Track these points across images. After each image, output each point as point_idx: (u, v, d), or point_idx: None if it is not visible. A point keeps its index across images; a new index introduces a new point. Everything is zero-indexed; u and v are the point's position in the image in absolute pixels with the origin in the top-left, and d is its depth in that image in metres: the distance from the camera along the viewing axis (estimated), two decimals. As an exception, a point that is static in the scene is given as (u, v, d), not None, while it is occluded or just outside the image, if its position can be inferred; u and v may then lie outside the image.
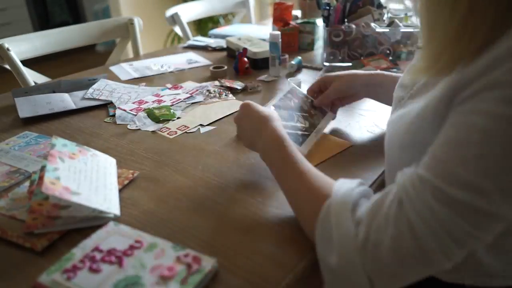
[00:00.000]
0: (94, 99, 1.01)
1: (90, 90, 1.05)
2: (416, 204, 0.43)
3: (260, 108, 0.69)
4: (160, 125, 0.89)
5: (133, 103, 1.00)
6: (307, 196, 0.55)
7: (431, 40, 0.49)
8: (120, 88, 1.08)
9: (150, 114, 0.93)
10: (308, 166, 0.58)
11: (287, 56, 1.27)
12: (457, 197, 0.41)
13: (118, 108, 0.97)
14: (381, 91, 0.83)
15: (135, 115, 0.94)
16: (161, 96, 1.03)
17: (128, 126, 0.89)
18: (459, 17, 0.44)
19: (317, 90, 0.86)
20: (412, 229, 0.43)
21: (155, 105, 0.98)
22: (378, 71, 0.86)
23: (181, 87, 1.09)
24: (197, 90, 1.06)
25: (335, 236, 0.48)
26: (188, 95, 1.03)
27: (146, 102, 1.00)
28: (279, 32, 1.14)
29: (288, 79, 1.06)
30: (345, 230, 0.47)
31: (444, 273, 0.58)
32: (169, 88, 1.08)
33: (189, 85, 1.10)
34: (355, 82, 0.84)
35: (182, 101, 1.01)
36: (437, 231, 0.42)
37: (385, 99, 0.85)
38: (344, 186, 0.52)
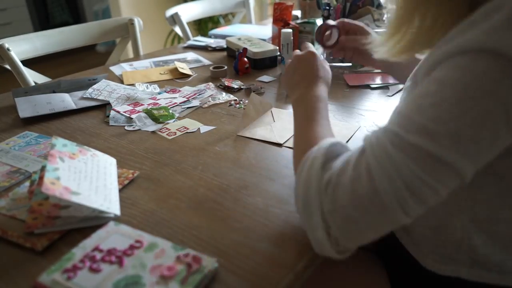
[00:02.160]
0: (92, 99, 1.01)
1: (90, 90, 1.05)
2: (376, 150, 0.46)
3: (323, 65, 0.73)
4: (160, 125, 0.89)
5: (128, 105, 1.00)
6: (300, 143, 0.59)
7: (393, 18, 0.56)
8: (120, 89, 1.08)
9: (149, 114, 0.93)
10: (321, 118, 0.62)
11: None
12: (410, 141, 0.44)
13: (112, 109, 0.97)
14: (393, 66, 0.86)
15: (130, 117, 0.93)
16: (158, 99, 1.03)
17: (126, 128, 0.89)
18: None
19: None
20: (369, 171, 0.45)
21: (152, 107, 0.98)
22: None
23: (179, 91, 1.08)
24: (194, 94, 1.05)
25: (303, 178, 0.51)
26: (185, 99, 1.02)
27: (142, 104, 1.00)
28: (290, 30, 1.14)
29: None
30: (313, 172, 0.50)
31: (439, 263, 0.58)
32: (167, 92, 1.08)
33: (187, 89, 1.10)
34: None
35: (177, 105, 1.00)
36: (391, 174, 0.44)
37: (396, 73, 0.92)
38: (330, 142, 0.54)
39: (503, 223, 0.53)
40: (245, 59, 1.20)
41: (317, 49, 0.83)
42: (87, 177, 0.62)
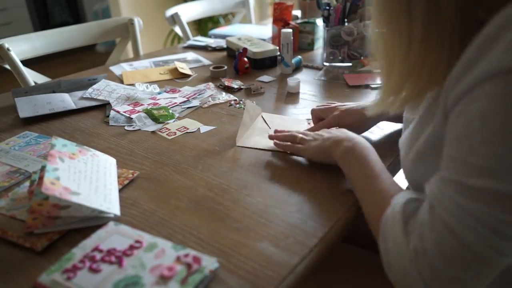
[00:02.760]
0: (92, 99, 1.01)
1: (90, 89, 1.05)
2: (444, 204, 0.44)
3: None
4: (160, 125, 0.89)
5: (128, 105, 1.00)
6: (371, 200, 0.57)
7: (391, 74, 0.53)
8: (120, 89, 1.08)
9: (149, 114, 0.93)
10: (380, 170, 0.60)
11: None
12: (476, 186, 0.42)
13: (112, 109, 0.97)
14: (393, 118, 0.82)
15: (130, 117, 0.93)
16: (158, 99, 1.03)
17: (126, 128, 0.89)
18: (417, 52, 0.48)
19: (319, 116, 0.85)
20: (448, 227, 0.43)
21: (152, 107, 0.98)
22: (361, 110, 0.80)
23: (179, 91, 1.08)
24: (194, 94, 1.05)
25: (391, 249, 0.49)
26: (185, 99, 1.02)
27: (142, 104, 1.00)
28: (290, 30, 1.14)
29: (288, 79, 1.06)
30: (399, 242, 0.48)
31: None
32: (167, 92, 1.08)
33: (187, 89, 1.10)
34: (368, 121, 0.80)
35: (177, 105, 1.00)
36: (471, 224, 0.42)
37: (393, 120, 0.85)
38: (401, 197, 0.52)
39: None
40: (245, 59, 1.20)
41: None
42: (87, 177, 0.62)
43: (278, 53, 1.26)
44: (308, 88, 1.09)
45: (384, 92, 0.55)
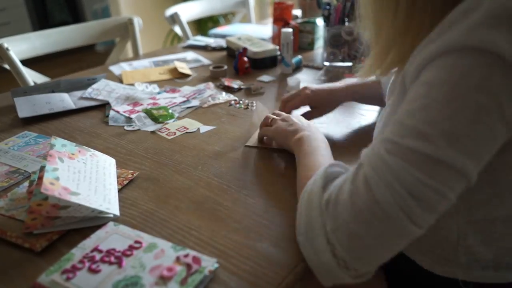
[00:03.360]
0: (92, 98, 1.01)
1: (89, 89, 1.05)
2: (372, 161, 0.45)
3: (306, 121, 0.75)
4: (160, 125, 0.89)
5: (128, 104, 0.99)
6: (302, 174, 0.60)
7: (378, 39, 0.55)
8: (120, 88, 1.08)
9: (149, 114, 0.93)
10: (321, 150, 0.64)
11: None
12: (406, 145, 0.43)
13: (112, 109, 0.97)
14: (367, 99, 0.89)
15: (129, 117, 0.93)
16: (157, 99, 1.02)
17: (125, 127, 0.89)
18: (403, 16, 0.50)
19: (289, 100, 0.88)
20: (367, 182, 0.44)
21: (151, 107, 0.97)
22: (353, 83, 0.86)
23: (179, 90, 1.08)
24: (194, 94, 1.05)
25: (304, 203, 0.51)
26: (184, 99, 1.02)
27: (141, 104, 1.00)
28: (290, 30, 1.14)
29: (288, 78, 1.06)
30: (314, 195, 0.50)
31: (436, 263, 0.58)
32: (166, 91, 1.08)
33: (187, 88, 1.09)
34: (333, 102, 0.87)
35: (177, 105, 0.99)
36: (390, 181, 0.43)
37: (372, 102, 0.91)
38: (328, 164, 0.54)
39: (499, 222, 0.53)
40: (245, 58, 1.19)
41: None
42: (86, 178, 0.62)
43: (278, 52, 1.26)
44: (308, 88, 1.09)
45: (371, 56, 0.57)
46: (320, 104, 0.86)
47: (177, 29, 1.73)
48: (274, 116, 0.78)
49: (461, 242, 0.55)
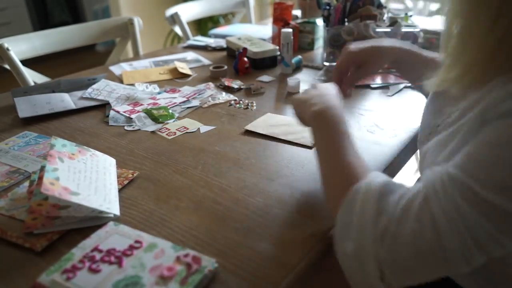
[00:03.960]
0: (92, 98, 1.01)
1: (89, 89, 1.05)
2: (443, 201, 0.42)
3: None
4: (160, 125, 0.89)
5: (128, 104, 0.99)
6: (340, 172, 0.53)
7: (464, 52, 0.48)
8: (120, 88, 1.08)
9: (149, 114, 0.93)
10: (351, 144, 0.56)
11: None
12: (488, 199, 0.40)
13: (112, 109, 0.97)
14: (405, 68, 0.80)
15: (129, 117, 0.93)
16: (157, 99, 1.02)
17: (125, 127, 0.89)
18: (498, 35, 0.43)
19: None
20: (435, 225, 0.42)
21: (151, 107, 0.98)
22: (403, 46, 0.78)
23: (179, 90, 1.08)
24: (194, 94, 1.05)
25: (355, 222, 0.47)
26: (185, 99, 1.02)
27: (141, 104, 1.00)
28: (290, 30, 1.14)
29: (288, 79, 1.06)
30: (367, 217, 0.46)
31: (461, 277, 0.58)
32: (167, 91, 1.08)
33: (187, 89, 1.09)
34: (381, 57, 0.77)
35: (177, 105, 0.99)
36: (460, 230, 0.41)
37: (408, 75, 0.83)
38: (379, 176, 0.50)
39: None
40: (245, 59, 1.20)
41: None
42: (87, 177, 0.62)
43: (278, 53, 1.26)
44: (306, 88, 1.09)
45: (454, 66, 0.50)
46: (364, 62, 0.76)
47: (177, 29, 1.73)
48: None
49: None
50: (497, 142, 0.41)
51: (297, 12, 1.63)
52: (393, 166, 0.74)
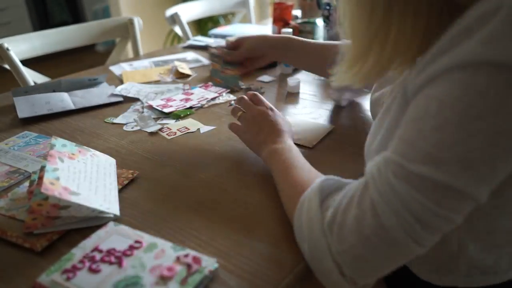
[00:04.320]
0: (122, 95, 1.04)
1: (118, 88, 1.07)
2: (379, 184, 0.43)
3: (283, 118, 0.73)
4: (160, 126, 0.89)
5: (161, 99, 1.01)
6: (289, 191, 0.57)
7: (353, 44, 0.52)
8: (146, 88, 1.10)
9: (173, 115, 0.94)
10: (300, 164, 0.61)
11: None
12: (415, 171, 0.41)
13: (146, 104, 0.99)
14: (290, 55, 0.94)
15: (162, 111, 0.95)
16: (190, 95, 1.04)
17: (124, 128, 0.89)
18: (378, 22, 0.46)
19: (231, 48, 0.98)
20: (373, 207, 0.43)
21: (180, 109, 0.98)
22: (288, 35, 0.96)
23: (211, 86, 1.09)
24: (225, 90, 1.06)
25: (304, 222, 0.49)
26: (216, 95, 1.03)
27: (174, 100, 1.01)
28: (290, 30, 1.14)
29: (288, 79, 1.06)
30: (313, 214, 0.48)
31: (434, 274, 0.58)
32: (200, 87, 1.09)
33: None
34: (264, 43, 0.94)
35: (208, 100, 1.01)
36: (397, 208, 0.41)
37: (295, 62, 0.98)
38: (327, 178, 0.53)
39: (501, 232, 0.53)
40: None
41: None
42: (87, 178, 0.62)
43: (278, 53, 1.25)
44: (308, 88, 1.09)
45: (346, 61, 0.53)
46: (253, 51, 0.95)
47: (177, 29, 1.73)
48: (242, 110, 0.75)
49: (461, 252, 0.54)
50: (417, 116, 0.42)
51: (297, 12, 1.63)
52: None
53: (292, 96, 1.04)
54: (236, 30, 1.66)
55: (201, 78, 1.19)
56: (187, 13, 1.77)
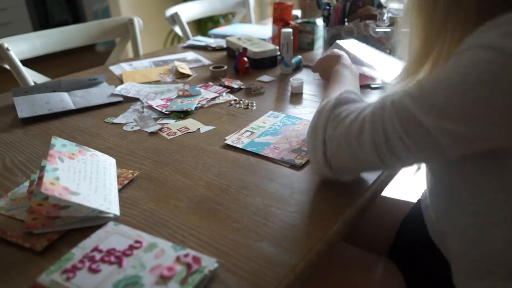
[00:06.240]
0: (121, 95, 1.05)
1: (118, 88, 1.07)
2: (377, 106, 0.53)
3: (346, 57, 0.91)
4: (160, 125, 0.89)
5: (161, 99, 1.02)
6: (326, 93, 0.72)
7: (417, 44, 0.59)
8: (146, 88, 1.10)
9: (173, 115, 0.94)
10: (346, 80, 0.76)
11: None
12: (404, 103, 0.50)
13: (145, 104, 1.00)
14: None
15: (162, 111, 0.95)
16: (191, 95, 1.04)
17: (124, 128, 0.89)
18: (439, 21, 0.54)
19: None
20: (364, 118, 0.54)
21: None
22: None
23: (212, 85, 1.09)
24: (224, 90, 1.06)
25: (318, 110, 0.63)
26: (216, 95, 1.04)
27: (174, 100, 1.01)
28: (290, 30, 1.14)
29: (291, 79, 1.06)
30: (327, 107, 0.61)
31: (472, 280, 0.58)
32: (200, 87, 1.09)
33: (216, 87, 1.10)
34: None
35: (208, 100, 1.01)
36: (377, 123, 0.52)
37: None
38: (344, 90, 0.65)
39: None
40: (245, 58, 1.19)
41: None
42: (87, 177, 0.62)
43: (278, 53, 1.26)
44: (308, 88, 1.09)
45: (411, 63, 0.60)
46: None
47: (177, 29, 1.73)
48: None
49: (505, 252, 0.54)
50: (438, 70, 0.50)
51: (297, 12, 1.63)
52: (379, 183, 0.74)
53: (295, 97, 1.04)
54: (236, 30, 1.66)
55: (201, 78, 1.19)
56: (187, 13, 1.77)
